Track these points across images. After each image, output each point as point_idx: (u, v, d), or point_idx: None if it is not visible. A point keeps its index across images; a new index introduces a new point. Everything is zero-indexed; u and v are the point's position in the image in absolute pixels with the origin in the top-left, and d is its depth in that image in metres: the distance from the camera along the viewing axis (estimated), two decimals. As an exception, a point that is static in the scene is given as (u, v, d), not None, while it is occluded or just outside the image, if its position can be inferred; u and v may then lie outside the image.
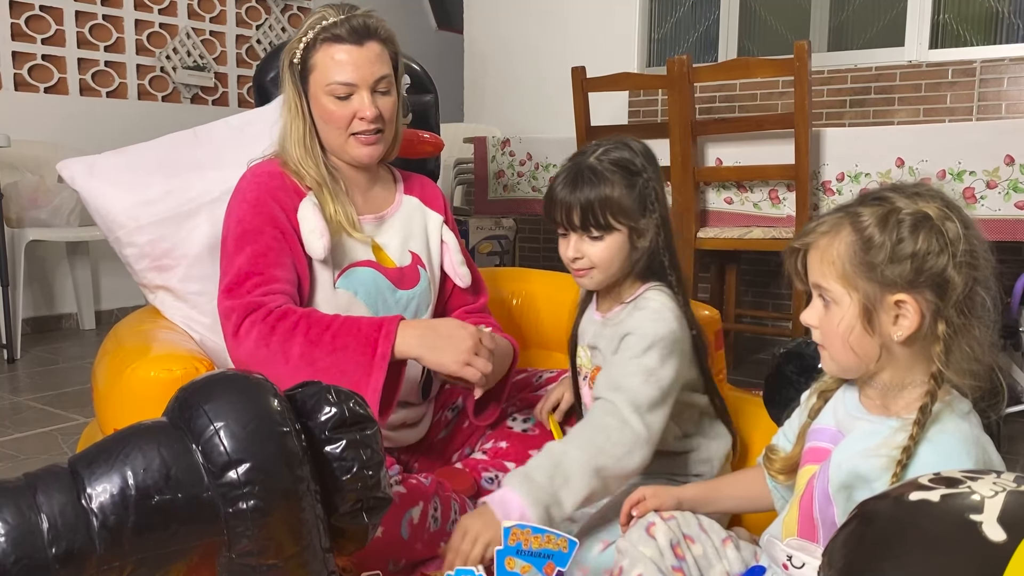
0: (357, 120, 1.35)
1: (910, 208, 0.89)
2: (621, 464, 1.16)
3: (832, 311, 0.92)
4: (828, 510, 0.94)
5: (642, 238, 1.24)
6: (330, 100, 1.35)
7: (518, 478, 1.12)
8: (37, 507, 0.77)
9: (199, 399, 0.86)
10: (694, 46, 4.05)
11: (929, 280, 0.87)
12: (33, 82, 3.63)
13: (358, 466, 0.89)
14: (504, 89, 4.35)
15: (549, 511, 1.10)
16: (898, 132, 2.44)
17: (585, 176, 1.22)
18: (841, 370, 0.96)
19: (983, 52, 3.32)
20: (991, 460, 0.89)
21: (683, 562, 1.03)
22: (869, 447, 0.91)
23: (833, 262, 0.91)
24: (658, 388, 1.19)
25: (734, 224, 2.58)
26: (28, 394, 2.67)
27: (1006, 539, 0.57)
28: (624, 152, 1.24)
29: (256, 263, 1.30)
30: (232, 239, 1.33)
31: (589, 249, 1.24)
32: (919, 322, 0.88)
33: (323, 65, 1.34)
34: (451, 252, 1.52)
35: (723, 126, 2.64)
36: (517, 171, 3.05)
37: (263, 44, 4.43)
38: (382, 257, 1.43)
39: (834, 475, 0.93)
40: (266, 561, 0.83)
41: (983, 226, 2.24)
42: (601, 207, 1.20)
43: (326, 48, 1.34)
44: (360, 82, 1.33)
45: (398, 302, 1.43)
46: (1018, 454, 2.15)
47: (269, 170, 1.38)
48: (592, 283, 1.28)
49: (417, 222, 1.51)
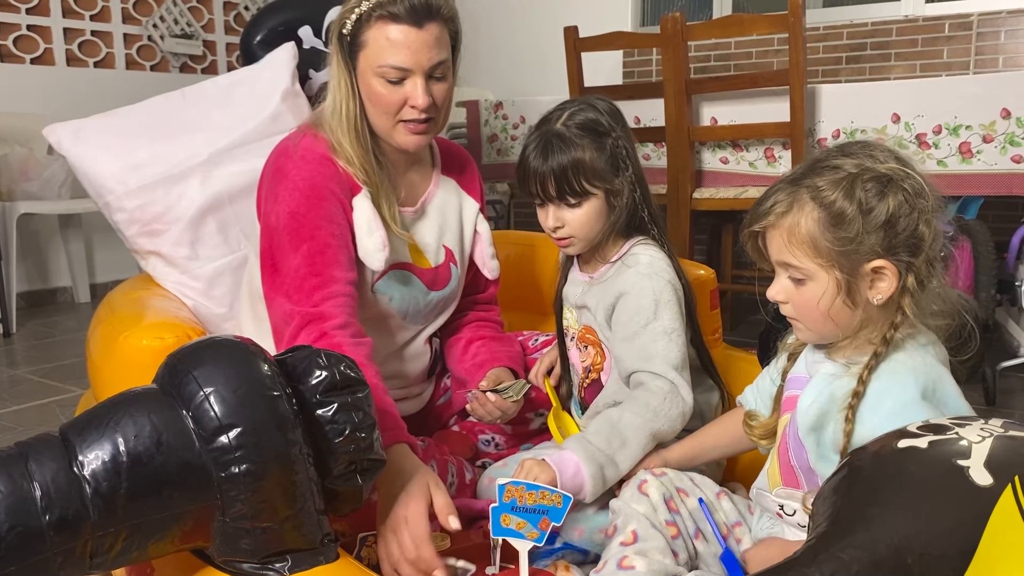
0: (408, 108, 1.24)
1: (870, 172, 0.87)
2: (673, 426, 1.18)
3: (807, 288, 0.91)
4: (801, 455, 0.95)
5: (618, 197, 1.23)
6: (380, 83, 1.23)
7: (576, 440, 1.14)
8: (29, 475, 0.77)
9: (188, 365, 0.85)
10: (688, 4, 4.00)
11: (903, 241, 0.87)
12: (19, 53, 3.58)
13: (350, 428, 0.89)
14: (496, 51, 4.29)
15: (604, 470, 1.11)
16: (894, 88, 2.41)
17: (554, 144, 1.20)
18: (818, 338, 0.97)
19: (980, 5, 3.28)
20: (944, 389, 0.89)
21: (677, 515, 1.04)
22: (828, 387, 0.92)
23: (803, 242, 0.89)
24: (681, 343, 1.21)
25: (730, 184, 2.57)
26: (25, 367, 2.67)
27: (993, 483, 0.57)
28: (590, 113, 1.22)
29: (314, 262, 1.22)
30: (287, 233, 1.23)
31: (568, 216, 1.23)
32: (896, 283, 0.88)
33: (376, 44, 1.22)
34: (483, 244, 1.46)
35: (718, 84, 2.61)
36: (511, 135, 3.02)
37: (251, 10, 4.36)
38: (419, 258, 1.38)
39: (801, 420, 0.94)
40: (260, 524, 0.83)
41: (979, 181, 2.24)
42: (575, 174, 1.19)
43: (381, 25, 1.21)
44: (415, 67, 1.22)
45: (428, 304, 1.40)
46: (1014, 407, 2.17)
47: (320, 154, 1.27)
48: (576, 249, 1.28)
49: (452, 210, 1.44)
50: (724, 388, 1.37)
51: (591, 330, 1.31)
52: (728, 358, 1.49)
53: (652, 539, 1.01)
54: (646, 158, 2.68)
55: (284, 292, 1.22)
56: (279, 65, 1.62)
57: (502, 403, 1.31)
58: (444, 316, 1.47)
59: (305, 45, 1.90)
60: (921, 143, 2.23)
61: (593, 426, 1.16)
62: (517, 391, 1.33)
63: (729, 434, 1.15)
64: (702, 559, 1.05)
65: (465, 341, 1.48)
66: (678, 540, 1.02)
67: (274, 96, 1.57)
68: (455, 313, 1.51)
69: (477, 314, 1.54)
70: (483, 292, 1.55)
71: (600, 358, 1.31)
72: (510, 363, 1.43)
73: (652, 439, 1.16)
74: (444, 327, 1.50)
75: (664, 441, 1.19)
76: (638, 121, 2.68)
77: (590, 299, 1.30)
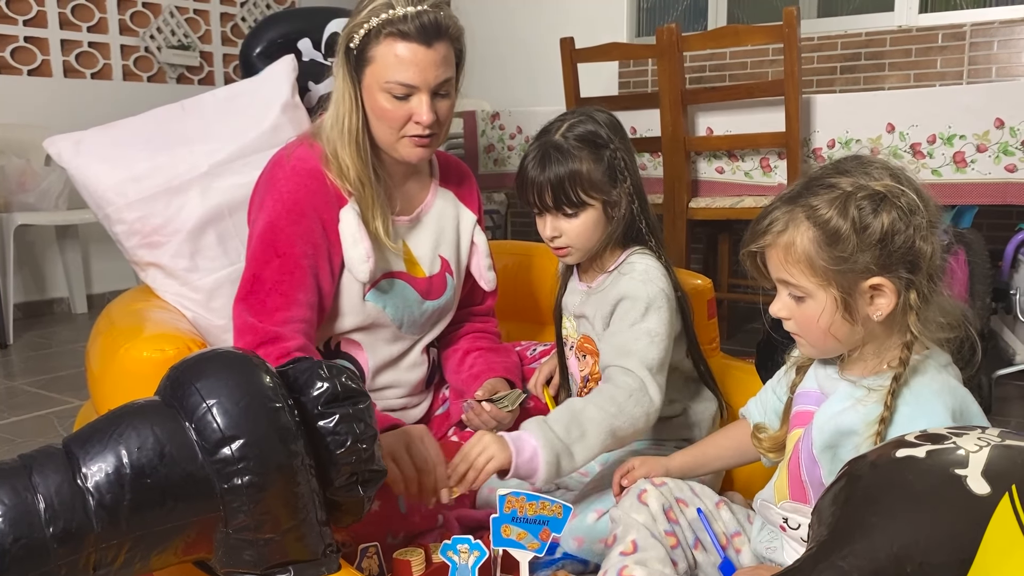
0: (412, 123, 1.26)
1: (864, 190, 0.88)
2: (635, 425, 1.17)
3: (807, 305, 0.92)
4: (814, 471, 0.95)
5: (616, 208, 1.25)
6: (386, 98, 1.25)
7: (536, 423, 1.13)
8: (33, 487, 0.78)
9: (191, 377, 0.86)
10: (683, 15, 4.02)
11: (900, 258, 0.88)
12: (16, 64, 3.59)
13: (352, 440, 0.90)
14: (493, 62, 4.31)
15: (559, 460, 1.10)
16: (888, 97, 2.43)
17: (552, 155, 1.22)
18: (821, 354, 0.97)
19: (973, 16, 3.31)
20: (969, 411, 0.89)
21: (676, 525, 1.05)
22: (849, 406, 0.92)
23: (799, 260, 0.90)
24: (663, 349, 1.21)
25: (726, 193, 2.58)
26: (22, 378, 2.66)
27: (990, 492, 0.58)
28: (588, 125, 1.24)
29: (281, 280, 1.25)
30: (261, 243, 1.27)
31: (565, 226, 1.25)
32: (896, 300, 0.89)
33: (384, 60, 1.23)
34: (480, 255, 1.48)
35: (713, 95, 2.62)
36: (507, 145, 3.04)
37: (248, 21, 4.37)
38: (413, 268, 1.40)
39: (817, 437, 0.94)
40: (263, 535, 0.84)
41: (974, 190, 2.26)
42: (571, 184, 1.21)
43: (390, 42, 1.23)
44: (422, 85, 1.24)
45: (423, 314, 1.41)
46: (1009, 415, 2.18)
47: (310, 168, 1.29)
48: (574, 259, 1.30)
49: (449, 221, 1.45)
50: (722, 399, 1.38)
51: (590, 340, 1.32)
52: (725, 368, 1.49)
53: (652, 549, 1.01)
54: (642, 168, 2.69)
55: (248, 302, 1.27)
56: (279, 77, 1.63)
57: (497, 413, 1.32)
58: (441, 326, 1.48)
59: (304, 57, 1.91)
60: (916, 153, 2.25)
61: (555, 413, 1.15)
62: (512, 401, 1.34)
63: (732, 446, 1.15)
64: (701, 569, 1.05)
65: (462, 352, 1.49)
66: (677, 550, 1.03)
67: (274, 108, 1.58)
68: (452, 324, 1.52)
69: (474, 325, 1.54)
70: (481, 304, 1.56)
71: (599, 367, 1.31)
72: (506, 374, 1.43)
73: (611, 435, 1.14)
74: (441, 337, 1.51)
75: (626, 441, 1.19)
76: (634, 131, 2.69)
77: (588, 308, 1.31)
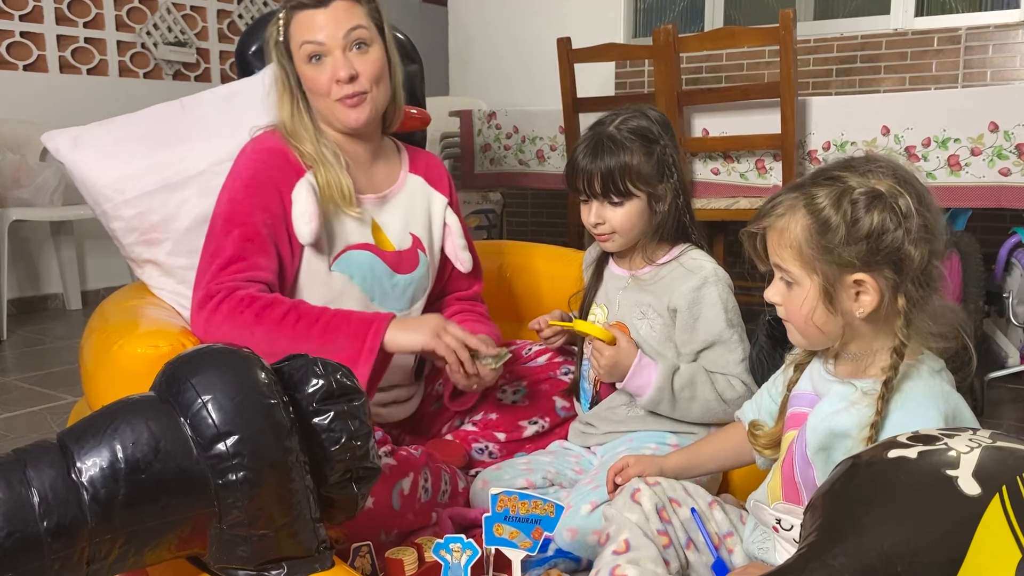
0: (336, 85, 1.33)
1: (863, 187, 0.89)
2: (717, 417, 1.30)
3: (794, 291, 0.94)
4: (808, 472, 0.95)
5: (660, 203, 1.31)
6: (308, 67, 1.34)
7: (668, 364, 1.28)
8: (27, 482, 0.78)
9: (186, 372, 0.86)
10: (680, 16, 4.02)
11: (886, 257, 0.89)
12: (11, 60, 3.57)
13: (346, 437, 0.90)
14: (489, 62, 4.31)
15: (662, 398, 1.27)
16: (884, 100, 2.44)
17: (605, 145, 1.28)
18: (808, 344, 0.99)
19: (968, 19, 3.32)
20: (962, 415, 0.90)
21: (669, 525, 1.05)
22: (842, 408, 0.93)
23: (790, 245, 0.92)
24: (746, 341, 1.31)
25: (721, 195, 2.58)
26: (16, 374, 2.66)
27: (981, 492, 0.58)
28: (642, 121, 1.31)
29: (243, 248, 1.29)
30: (221, 219, 1.33)
31: (610, 215, 1.30)
32: (879, 299, 0.90)
33: (296, 34, 1.34)
34: (454, 236, 1.50)
35: (709, 96, 2.63)
36: (504, 144, 3.04)
37: (245, 18, 4.37)
38: (381, 239, 1.42)
39: (811, 438, 0.95)
40: (257, 531, 0.84)
41: (967, 193, 2.26)
42: (621, 174, 1.27)
43: (297, 18, 1.34)
44: (328, 40, 1.31)
45: (395, 287, 1.42)
46: (1001, 418, 2.18)
47: (270, 146, 1.36)
48: (614, 246, 1.35)
49: (420, 203, 1.49)
50: None
51: (623, 326, 1.34)
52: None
53: (644, 548, 1.02)
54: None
55: (210, 272, 1.29)
56: (276, 76, 1.63)
57: (481, 368, 1.30)
58: (419, 304, 1.48)
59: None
60: (910, 155, 2.26)
61: (685, 369, 1.29)
62: (496, 360, 1.31)
63: (727, 447, 1.16)
64: (693, 569, 1.06)
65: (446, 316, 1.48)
66: (670, 549, 1.03)
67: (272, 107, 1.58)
68: (439, 308, 1.53)
69: (462, 305, 1.56)
70: (467, 290, 1.58)
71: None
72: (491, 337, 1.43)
73: (703, 416, 1.29)
74: None
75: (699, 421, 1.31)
76: (631, 132, 2.69)
77: (641, 296, 1.34)
